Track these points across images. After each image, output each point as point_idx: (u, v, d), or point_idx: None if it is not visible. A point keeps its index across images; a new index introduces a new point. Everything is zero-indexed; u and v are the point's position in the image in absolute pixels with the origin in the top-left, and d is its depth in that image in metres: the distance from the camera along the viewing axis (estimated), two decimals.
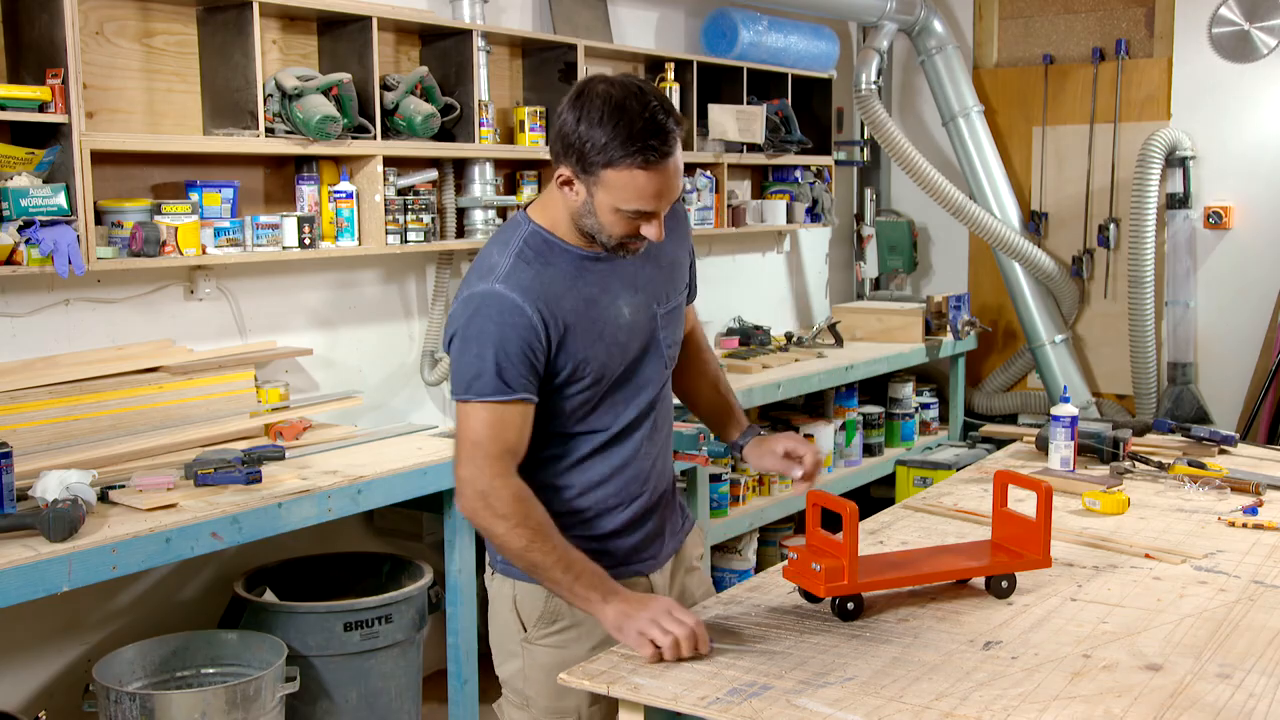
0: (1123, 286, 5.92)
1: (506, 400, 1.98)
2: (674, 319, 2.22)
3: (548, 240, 2.06)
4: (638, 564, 2.22)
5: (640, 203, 1.95)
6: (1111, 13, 6.04)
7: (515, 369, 1.97)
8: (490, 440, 1.99)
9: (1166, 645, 1.95)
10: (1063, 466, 3.05)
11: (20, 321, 3.15)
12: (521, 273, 2.00)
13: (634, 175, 1.92)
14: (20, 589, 2.44)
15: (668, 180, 1.95)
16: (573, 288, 2.04)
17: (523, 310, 1.97)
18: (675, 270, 2.23)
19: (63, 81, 2.93)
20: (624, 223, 1.99)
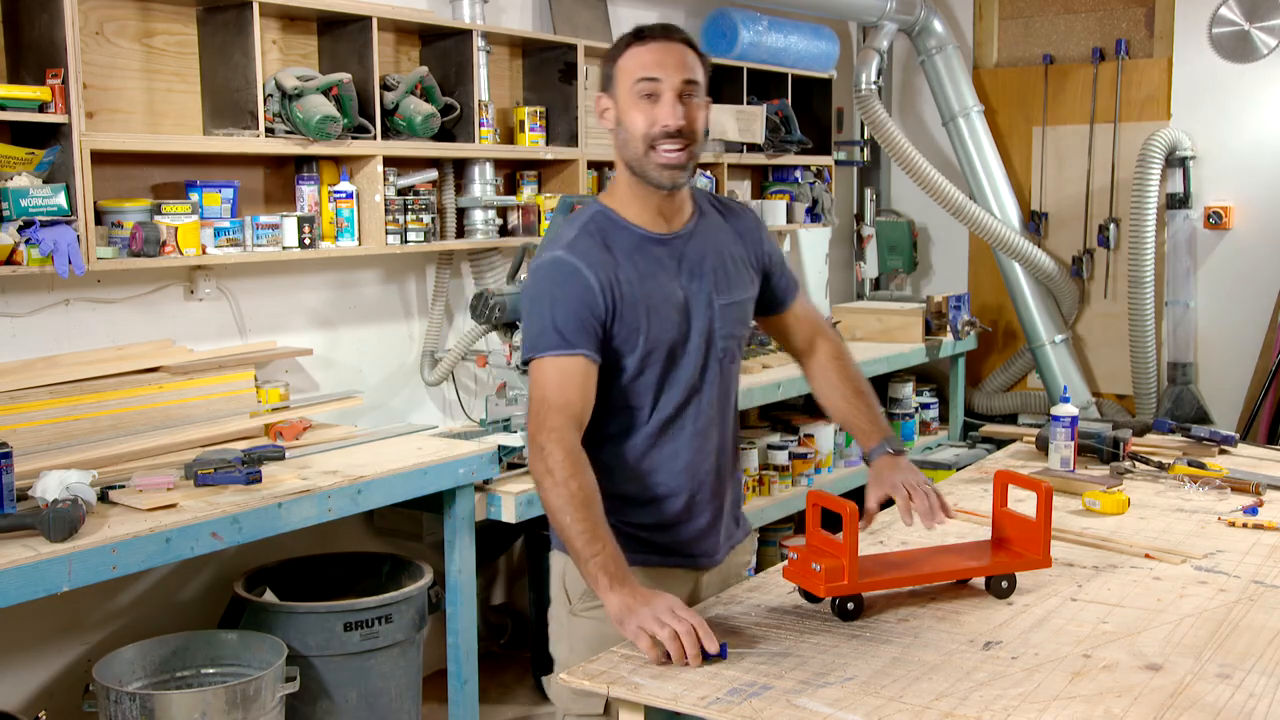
0: (1123, 286, 5.92)
1: (567, 354, 2.07)
2: (734, 314, 2.25)
3: (612, 219, 2.18)
4: (683, 558, 2.25)
5: (643, 70, 2.09)
6: (1111, 13, 6.04)
7: (574, 326, 2.08)
8: (553, 394, 2.07)
9: (1166, 645, 1.95)
10: (1063, 466, 3.05)
11: (20, 321, 3.15)
12: (584, 242, 2.14)
13: (634, 53, 2.11)
14: (20, 589, 2.44)
15: (667, 53, 2.10)
16: (630, 260, 2.14)
17: (581, 273, 2.09)
18: (741, 269, 2.28)
19: (63, 81, 2.93)
20: (640, 112, 2.10)
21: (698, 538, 2.26)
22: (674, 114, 2.09)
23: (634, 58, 2.11)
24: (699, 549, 2.27)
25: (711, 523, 2.28)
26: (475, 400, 4.34)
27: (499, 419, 3.91)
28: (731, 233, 2.30)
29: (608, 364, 2.13)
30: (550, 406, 2.06)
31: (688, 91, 2.11)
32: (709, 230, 2.26)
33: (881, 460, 2.31)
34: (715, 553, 2.30)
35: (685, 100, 2.11)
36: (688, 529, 2.24)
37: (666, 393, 2.17)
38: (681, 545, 2.25)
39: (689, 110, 2.11)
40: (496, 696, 4.14)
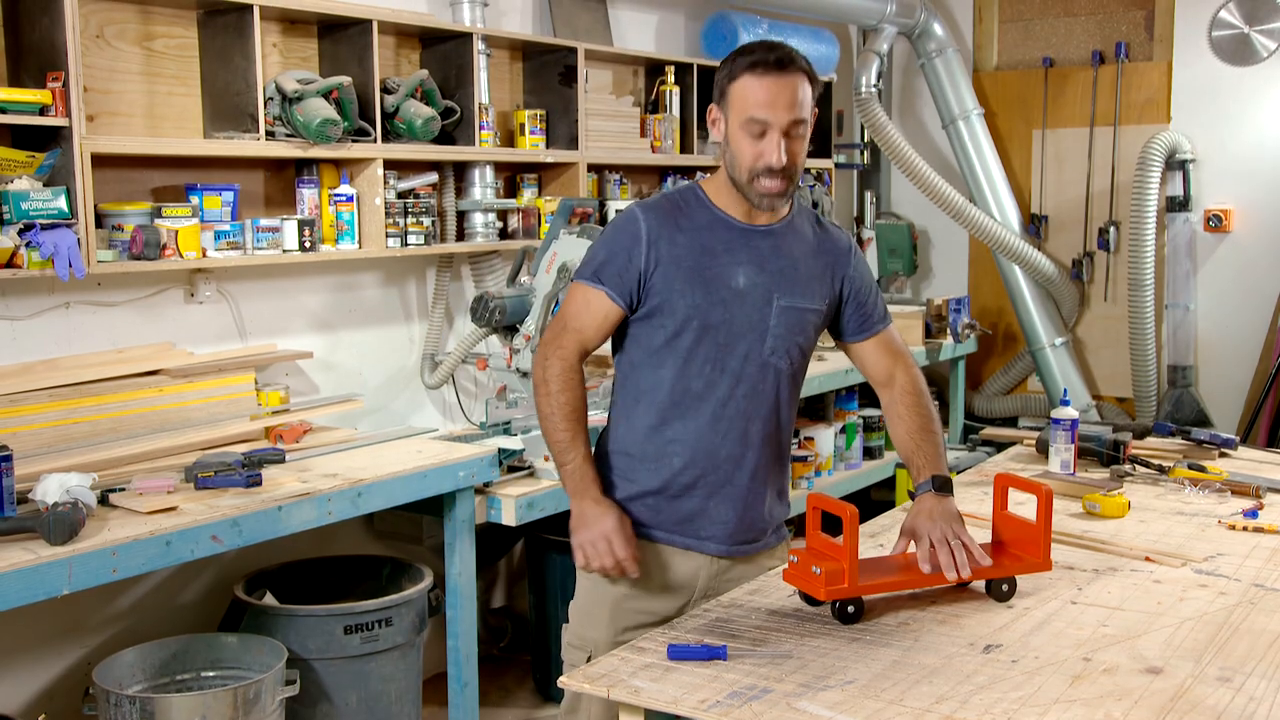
0: (1123, 289, 5.92)
1: (594, 286, 2.25)
2: (794, 319, 2.29)
3: (698, 195, 2.30)
4: (690, 539, 2.31)
5: (754, 109, 2.14)
6: (1111, 16, 6.05)
7: (611, 267, 2.24)
8: (572, 318, 2.28)
9: (1167, 649, 1.95)
10: (1063, 469, 3.05)
11: (20, 324, 3.15)
12: (660, 203, 2.29)
13: (747, 83, 2.15)
14: (20, 592, 2.43)
15: (781, 90, 2.14)
16: (697, 233, 2.25)
17: (638, 221, 2.24)
18: (812, 280, 2.32)
19: (63, 85, 2.93)
20: (749, 143, 2.17)
21: (702, 518, 2.30)
22: (779, 155, 2.15)
23: (747, 89, 2.15)
24: (706, 531, 2.31)
25: (719, 508, 2.30)
26: (475, 403, 4.34)
27: (499, 422, 3.91)
28: (815, 247, 2.34)
29: (652, 320, 2.25)
30: (567, 327, 2.27)
31: (794, 131, 2.17)
32: (791, 236, 2.31)
33: (922, 500, 2.27)
34: (728, 541, 2.32)
35: (791, 137, 2.16)
36: (691, 504, 2.30)
37: (699, 366, 2.24)
38: (687, 522, 2.30)
39: (793, 146, 2.17)
40: (496, 700, 4.13)
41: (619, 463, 2.34)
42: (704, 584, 2.33)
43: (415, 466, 3.28)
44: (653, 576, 2.31)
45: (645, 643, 2.00)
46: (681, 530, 2.31)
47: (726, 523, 2.32)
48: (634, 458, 2.31)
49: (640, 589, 2.30)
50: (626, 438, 2.33)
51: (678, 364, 2.25)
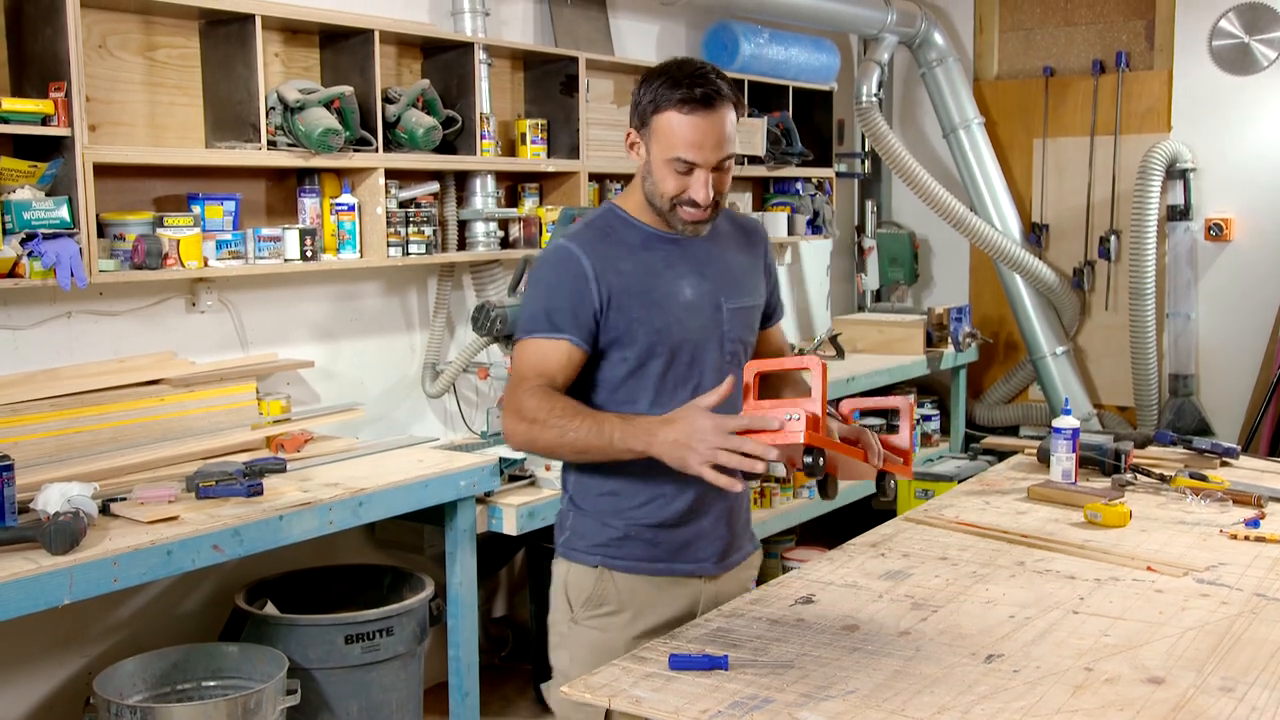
0: (1124, 298, 5.93)
1: (551, 338, 2.11)
2: (743, 319, 2.27)
3: (621, 216, 2.22)
4: (688, 564, 2.24)
5: (681, 150, 2.07)
6: (1112, 25, 6.06)
7: (564, 311, 2.10)
8: (531, 372, 2.11)
9: (1169, 658, 1.95)
10: (1064, 479, 3.05)
11: (22, 334, 3.15)
12: (587, 234, 2.18)
13: (673, 120, 2.06)
14: (21, 602, 2.43)
15: (710, 130, 2.06)
16: (634, 255, 2.17)
17: (577, 259, 2.12)
18: (747, 276, 2.30)
19: (66, 95, 2.94)
20: (673, 177, 2.10)
21: (701, 540, 2.25)
22: (705, 193, 2.10)
23: (673, 127, 2.06)
24: (704, 552, 2.26)
25: (715, 527, 2.27)
26: (477, 412, 4.34)
27: (500, 431, 3.91)
28: (741, 243, 2.33)
29: (611, 354, 2.15)
30: (526, 378, 2.11)
31: (722, 165, 2.12)
32: (719, 236, 2.28)
33: None
34: (721, 558, 2.29)
35: (718, 170, 2.11)
36: (691, 530, 2.24)
37: (672, 389, 2.17)
38: (685, 548, 2.24)
39: (720, 179, 2.12)
40: (497, 709, 4.13)
41: (605, 504, 2.21)
42: (703, 606, 2.27)
43: (416, 476, 3.28)
44: (657, 608, 2.23)
45: (646, 652, 1.99)
46: (680, 556, 2.24)
47: (721, 539, 2.29)
48: (622, 497, 2.20)
49: (647, 624, 2.20)
50: (609, 479, 2.20)
51: (650, 393, 2.16)
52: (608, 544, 2.21)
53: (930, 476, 5.36)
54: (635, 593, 2.21)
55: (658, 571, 2.22)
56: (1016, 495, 3.02)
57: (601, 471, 2.19)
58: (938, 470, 5.46)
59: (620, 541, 2.21)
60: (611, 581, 2.21)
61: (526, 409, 2.07)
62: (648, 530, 2.21)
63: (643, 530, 2.20)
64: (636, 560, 2.21)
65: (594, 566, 2.22)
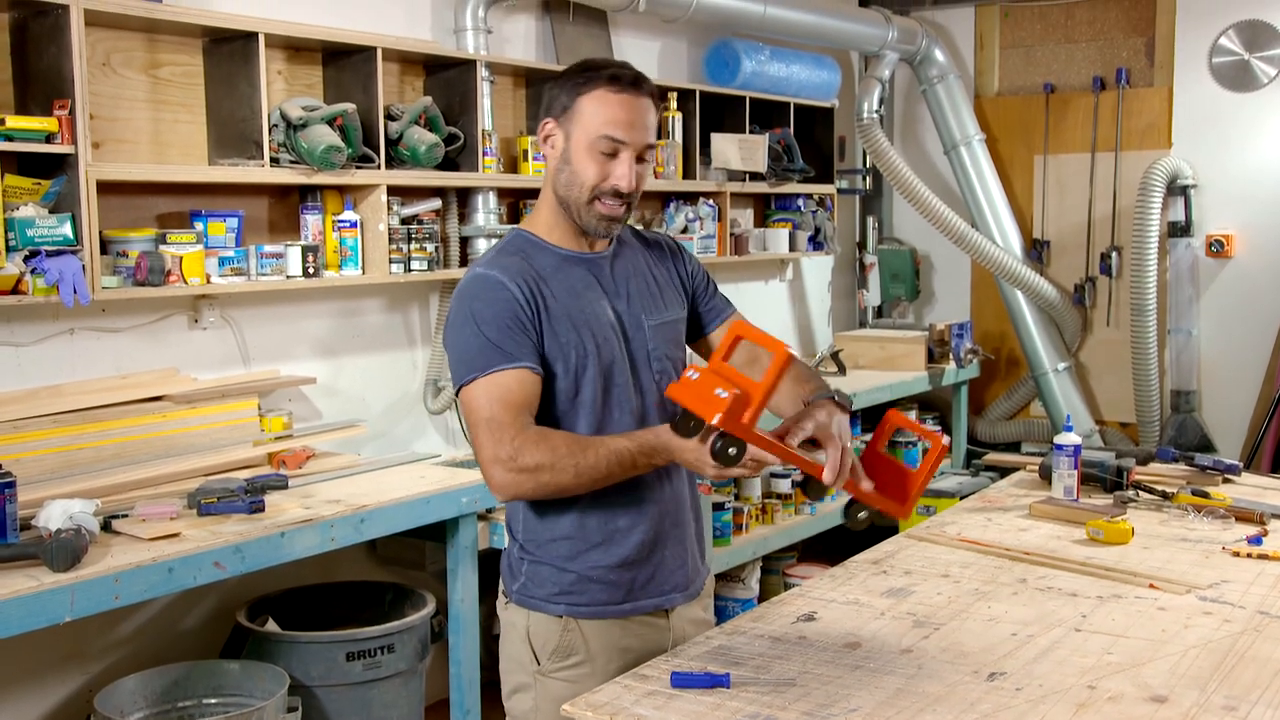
0: (1125, 314, 5.93)
1: (512, 368, 1.98)
2: (666, 335, 2.20)
3: (531, 240, 2.13)
4: (655, 598, 2.16)
5: (611, 127, 2.02)
6: (1112, 42, 6.08)
7: (509, 339, 1.99)
8: (500, 409, 1.95)
9: (1172, 677, 1.94)
10: (1066, 495, 3.04)
11: (25, 351, 3.16)
12: (504, 260, 2.08)
13: (604, 98, 2.02)
14: (23, 619, 2.43)
15: (638, 111, 2.04)
16: (554, 277, 2.08)
17: (503, 284, 2.02)
18: (664, 290, 2.23)
19: (70, 112, 2.95)
20: (596, 162, 2.03)
21: (664, 572, 2.16)
22: (630, 178, 2.05)
23: (603, 105, 2.03)
24: (668, 584, 2.17)
25: (676, 555, 2.18)
26: None
27: None
28: (651, 257, 2.26)
29: (545, 383, 2.04)
30: (500, 422, 1.94)
31: (646, 156, 2.08)
32: (631, 253, 2.23)
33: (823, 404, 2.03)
34: (686, 586, 2.21)
35: (642, 161, 2.08)
36: (653, 563, 2.15)
37: (610, 416, 2.08)
38: (649, 583, 2.15)
39: (642, 171, 2.08)
40: None
41: (561, 549, 2.10)
42: (673, 641, 2.18)
43: (418, 492, 3.28)
44: (628, 650, 2.13)
45: (648, 670, 1.99)
46: (645, 592, 2.15)
47: (683, 567, 2.20)
48: (577, 540, 2.10)
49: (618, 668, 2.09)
50: (560, 522, 2.10)
51: (593, 421, 2.07)
52: (569, 590, 2.11)
53: (932, 493, 5.36)
54: (604, 639, 2.12)
55: (624, 613, 2.13)
56: (1018, 512, 3.02)
57: (551, 515, 2.09)
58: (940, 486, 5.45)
59: (582, 586, 2.11)
60: (578, 631, 2.11)
61: (526, 459, 1.93)
62: (610, 571, 2.11)
63: (604, 572, 2.10)
64: (603, 605, 2.11)
65: (558, 616, 2.11)
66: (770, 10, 5.08)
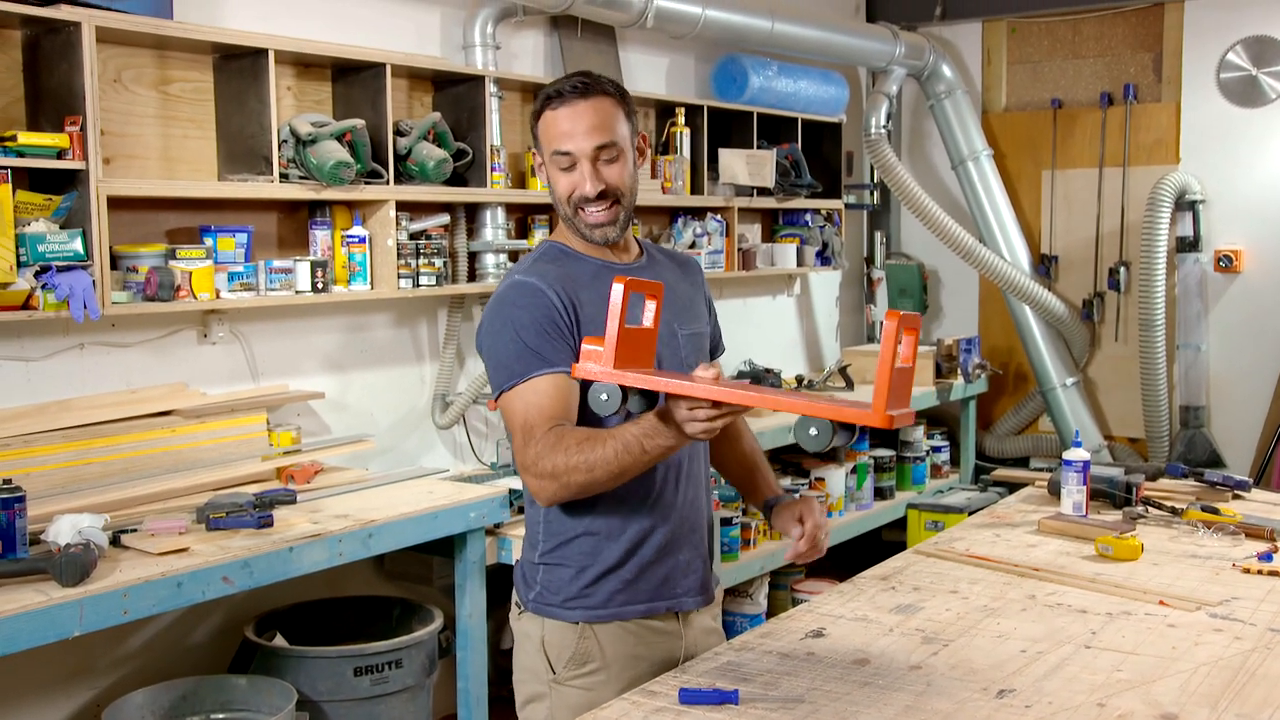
0: (1134, 330, 5.92)
1: (550, 373, 2.02)
2: (696, 345, 2.26)
3: (565, 251, 2.18)
4: (667, 600, 2.18)
5: (556, 142, 2.08)
6: (1119, 58, 6.08)
7: (547, 344, 2.03)
8: (536, 416, 2.00)
9: (1182, 694, 1.93)
10: (1075, 511, 3.03)
11: (35, 365, 3.17)
12: (542, 267, 2.12)
13: (548, 118, 2.10)
14: (32, 634, 2.43)
15: (580, 117, 2.07)
16: (592, 284, 2.12)
17: (541, 291, 2.06)
18: (691, 304, 2.30)
19: (81, 129, 2.96)
20: (562, 177, 2.10)
21: (678, 575, 2.20)
22: (591, 183, 2.08)
23: (548, 124, 2.09)
24: (682, 587, 2.20)
25: (692, 559, 2.22)
26: (486, 443, 4.35)
27: (510, 462, 3.91)
28: (679, 274, 2.32)
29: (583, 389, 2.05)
30: (532, 429, 1.99)
31: (604, 156, 2.08)
32: (659, 266, 2.28)
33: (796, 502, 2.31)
34: (701, 591, 2.24)
35: (601, 164, 2.09)
36: (668, 565, 2.18)
37: None
38: (664, 584, 2.18)
39: (608, 171, 2.09)
40: None
41: (584, 546, 2.14)
42: (686, 649, 2.21)
43: (426, 507, 3.28)
44: (643, 657, 2.16)
45: (656, 686, 1.99)
46: (660, 594, 2.18)
47: (698, 571, 2.23)
48: (600, 536, 2.13)
49: (633, 676, 2.12)
50: (579, 523, 2.13)
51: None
52: (586, 595, 2.13)
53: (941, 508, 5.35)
54: (620, 647, 2.14)
55: (640, 613, 2.15)
56: (1027, 528, 3.01)
57: (570, 516, 2.13)
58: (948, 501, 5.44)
59: (598, 589, 2.13)
60: (594, 638, 2.13)
61: (544, 465, 1.97)
62: (627, 570, 2.14)
63: (621, 571, 2.13)
64: (617, 608, 2.14)
65: (575, 623, 2.13)
66: (778, 26, 5.10)
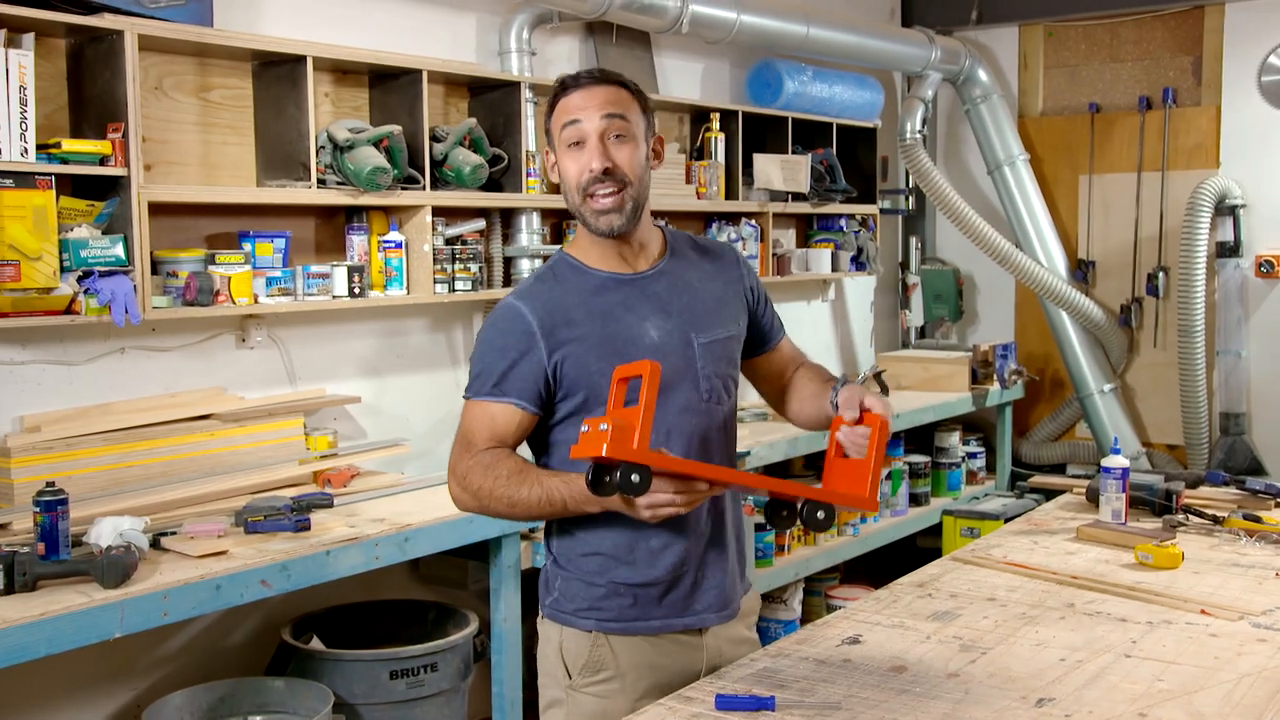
0: (1173, 336, 5.86)
1: (494, 401, 2.07)
2: (718, 352, 2.17)
3: (573, 265, 2.16)
4: (687, 617, 2.14)
5: (567, 115, 2.07)
6: (1158, 61, 6.03)
7: (509, 373, 2.06)
8: (476, 433, 2.08)
9: (1225, 705, 1.91)
10: (1114, 519, 3.01)
11: (77, 369, 3.21)
12: (536, 288, 2.12)
13: (559, 105, 2.10)
14: (73, 635, 2.46)
15: (590, 96, 2.07)
16: (587, 303, 2.10)
17: (522, 315, 2.07)
18: (721, 305, 2.21)
19: (123, 135, 3.00)
20: (572, 160, 2.08)
21: (698, 593, 2.15)
22: (599, 156, 2.05)
23: (560, 112, 2.10)
24: (701, 604, 2.15)
25: (711, 576, 2.16)
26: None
27: None
28: (709, 271, 2.23)
29: (571, 416, 2.08)
30: (469, 443, 2.08)
31: (614, 130, 2.07)
32: (681, 270, 2.19)
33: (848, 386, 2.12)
34: (723, 607, 2.18)
35: (611, 141, 2.07)
36: (686, 584, 2.13)
37: (658, 438, 2.01)
38: (682, 603, 2.14)
39: (618, 151, 2.07)
40: None
41: (591, 565, 2.12)
42: (708, 663, 2.16)
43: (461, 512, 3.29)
44: (659, 669, 2.13)
45: (693, 692, 1.98)
46: (678, 612, 2.14)
47: (719, 588, 2.17)
48: (608, 557, 2.11)
49: (648, 686, 2.11)
50: (591, 538, 2.11)
51: None
52: (598, 605, 2.12)
53: (976, 514, 5.32)
54: (634, 656, 2.12)
55: (654, 630, 2.13)
56: (1065, 535, 2.99)
57: (584, 529, 2.11)
58: (983, 508, 5.42)
59: (611, 601, 2.11)
60: (608, 646, 2.12)
61: (471, 481, 2.04)
62: (640, 589, 2.11)
63: (634, 590, 2.11)
64: (633, 621, 2.12)
65: (588, 631, 2.12)
66: (813, 31, 5.09)
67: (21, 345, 3.10)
